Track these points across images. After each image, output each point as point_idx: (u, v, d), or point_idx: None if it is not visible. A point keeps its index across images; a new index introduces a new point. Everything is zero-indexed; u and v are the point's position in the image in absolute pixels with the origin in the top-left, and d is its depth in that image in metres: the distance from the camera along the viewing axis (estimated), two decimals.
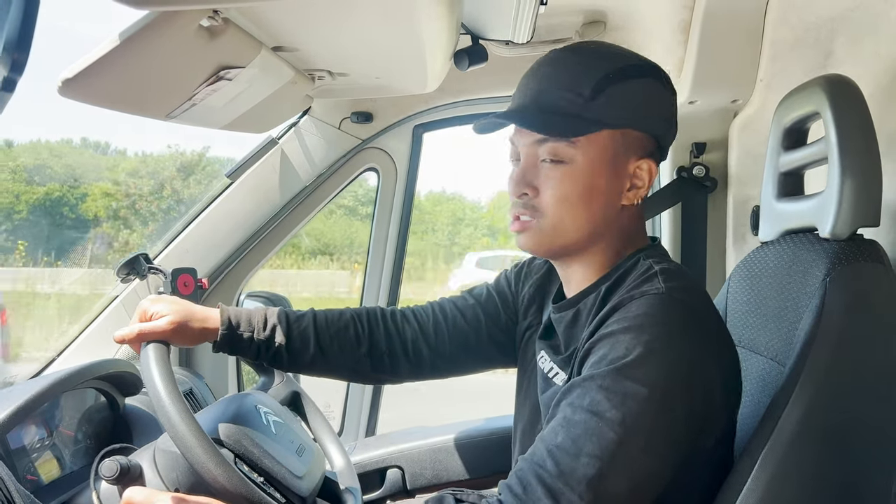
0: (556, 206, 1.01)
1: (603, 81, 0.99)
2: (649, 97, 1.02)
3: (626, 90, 1.00)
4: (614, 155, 1.01)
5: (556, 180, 1.00)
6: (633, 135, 1.01)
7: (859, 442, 0.93)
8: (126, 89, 1.03)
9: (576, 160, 0.99)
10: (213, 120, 1.38)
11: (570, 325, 1.07)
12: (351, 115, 1.96)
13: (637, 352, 0.86)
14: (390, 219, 2.08)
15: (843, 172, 1.00)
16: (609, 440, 0.84)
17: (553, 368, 1.10)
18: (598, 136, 0.99)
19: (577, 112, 0.99)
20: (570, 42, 1.72)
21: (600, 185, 1.01)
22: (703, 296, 0.97)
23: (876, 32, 1.22)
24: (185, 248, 1.88)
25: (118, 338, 1.11)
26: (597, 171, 1.00)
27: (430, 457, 1.75)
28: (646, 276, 0.96)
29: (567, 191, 1.00)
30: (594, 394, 0.87)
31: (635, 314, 0.89)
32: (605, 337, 0.90)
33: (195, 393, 1.74)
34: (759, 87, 1.66)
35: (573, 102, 0.99)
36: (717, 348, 0.93)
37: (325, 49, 1.31)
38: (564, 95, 1.00)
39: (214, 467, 0.92)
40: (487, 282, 1.35)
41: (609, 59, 1.01)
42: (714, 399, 0.91)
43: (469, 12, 1.35)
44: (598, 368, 0.89)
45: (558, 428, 0.88)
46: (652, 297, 0.91)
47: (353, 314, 1.30)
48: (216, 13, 0.99)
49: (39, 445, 1.25)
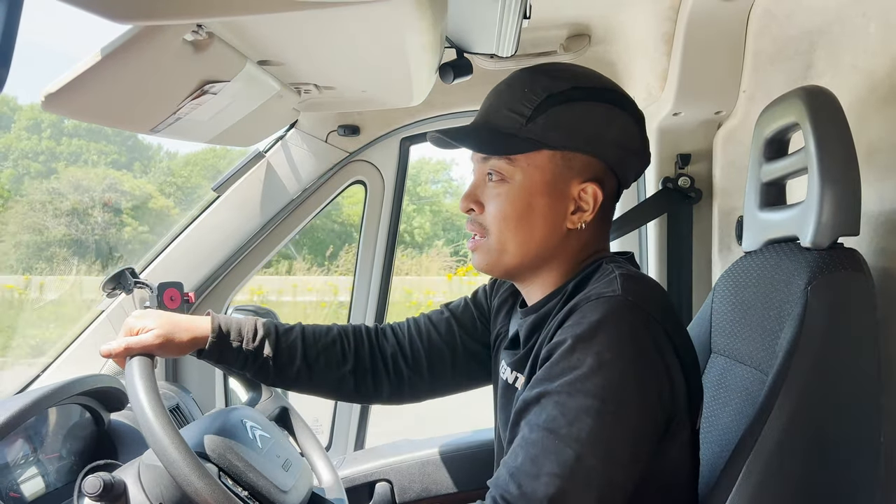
0: (497, 223, 1.03)
1: (546, 102, 1.00)
2: (597, 121, 1.01)
3: (569, 112, 1.00)
4: (553, 176, 1.01)
5: (497, 197, 1.03)
6: (577, 157, 1.01)
7: (843, 449, 0.94)
8: (110, 104, 1.03)
9: (515, 178, 1.01)
10: (198, 134, 1.38)
11: (533, 327, 1.06)
12: (338, 128, 1.96)
13: (588, 364, 0.86)
14: (378, 232, 2.09)
15: (823, 182, 1.01)
16: (567, 457, 0.84)
17: (513, 375, 1.09)
18: (536, 155, 1.00)
19: (514, 131, 1.01)
20: (554, 55, 1.74)
21: (540, 206, 1.01)
22: (660, 300, 0.96)
23: (854, 45, 1.24)
24: (172, 262, 1.88)
25: (104, 352, 1.10)
26: (535, 191, 1.01)
27: (419, 470, 1.75)
28: (606, 279, 0.96)
29: (507, 208, 1.02)
30: (550, 410, 0.87)
31: (589, 320, 0.89)
32: (560, 345, 0.90)
33: (182, 408, 1.73)
34: (743, 99, 1.68)
35: (514, 121, 1.01)
36: (674, 351, 0.91)
37: (310, 63, 1.32)
38: (507, 115, 1.01)
39: (197, 480, 0.92)
40: (466, 295, 1.35)
41: (558, 80, 1.01)
42: (673, 403, 0.90)
43: (453, 26, 1.36)
44: (551, 382, 0.88)
45: (518, 449, 0.88)
46: (606, 300, 0.90)
47: (340, 330, 1.30)
48: (200, 27, 0.99)
49: (23, 462, 1.24)
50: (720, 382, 1.20)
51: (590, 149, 1.01)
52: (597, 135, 1.01)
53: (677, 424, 0.92)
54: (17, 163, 12.32)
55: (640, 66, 1.76)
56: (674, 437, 0.92)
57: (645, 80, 1.78)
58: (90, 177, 12.40)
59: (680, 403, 0.91)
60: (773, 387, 0.95)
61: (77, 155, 12.89)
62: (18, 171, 12.48)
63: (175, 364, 1.93)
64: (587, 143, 1.01)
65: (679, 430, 0.93)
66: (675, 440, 0.93)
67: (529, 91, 1.01)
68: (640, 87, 1.81)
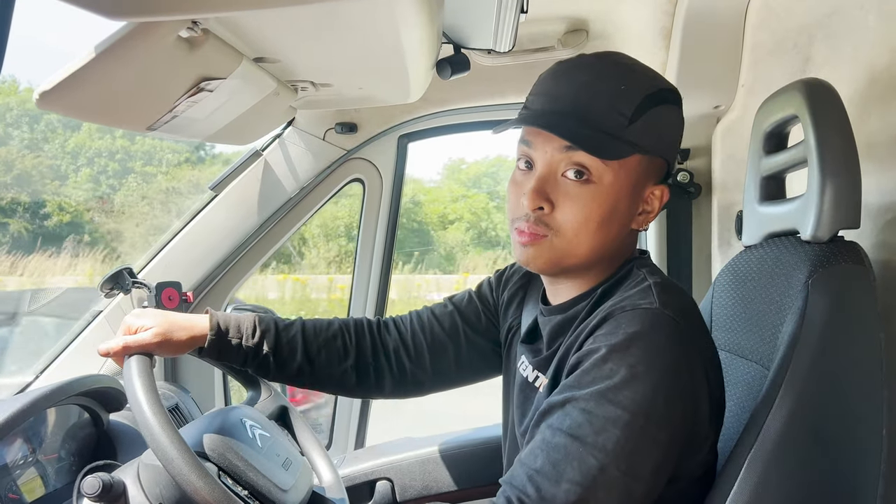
0: (576, 226, 0.95)
1: (644, 103, 0.94)
2: (675, 123, 1.00)
3: (660, 115, 0.96)
4: (638, 180, 0.97)
5: (581, 199, 0.95)
6: (657, 161, 0.98)
7: (845, 443, 0.93)
8: (105, 101, 1.02)
9: (603, 180, 0.94)
10: (195, 132, 1.37)
11: (559, 328, 1.04)
12: (335, 126, 1.96)
13: (620, 375, 0.84)
14: (376, 229, 2.08)
15: (823, 175, 1.00)
16: (590, 466, 0.83)
17: (534, 374, 1.08)
18: (630, 159, 0.95)
19: (616, 132, 0.94)
20: (552, 51, 1.73)
21: (621, 209, 0.97)
22: (693, 313, 0.95)
23: (853, 38, 1.23)
24: (170, 262, 1.87)
25: (102, 351, 1.10)
26: (621, 195, 0.96)
27: (420, 468, 1.74)
28: (640, 288, 0.94)
29: (591, 212, 0.94)
30: (576, 416, 0.85)
31: (624, 331, 0.87)
32: (592, 353, 0.88)
33: (181, 408, 1.72)
34: (741, 93, 1.68)
35: (617, 121, 0.94)
36: (704, 368, 0.90)
37: (307, 59, 1.31)
38: (608, 113, 0.94)
39: (196, 479, 0.91)
40: (471, 288, 1.34)
41: (647, 80, 0.97)
42: (699, 418, 0.90)
43: (450, 22, 1.35)
44: (580, 389, 0.87)
45: (538, 451, 0.87)
46: (643, 311, 0.89)
47: (340, 324, 1.28)
48: (195, 24, 0.99)
49: (22, 463, 1.24)
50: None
51: (667, 152, 1.00)
52: (674, 139, 1.00)
53: (701, 440, 0.92)
54: (92, 161, 12.04)
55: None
56: (695, 453, 0.92)
57: None
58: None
59: (704, 420, 0.91)
60: (774, 381, 0.95)
61: (150, 154, 12.68)
62: (94, 170, 12.20)
63: (174, 364, 1.93)
64: (669, 148, 1.00)
65: (702, 446, 0.92)
66: (695, 456, 0.92)
67: (627, 89, 0.94)
68: None
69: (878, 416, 0.94)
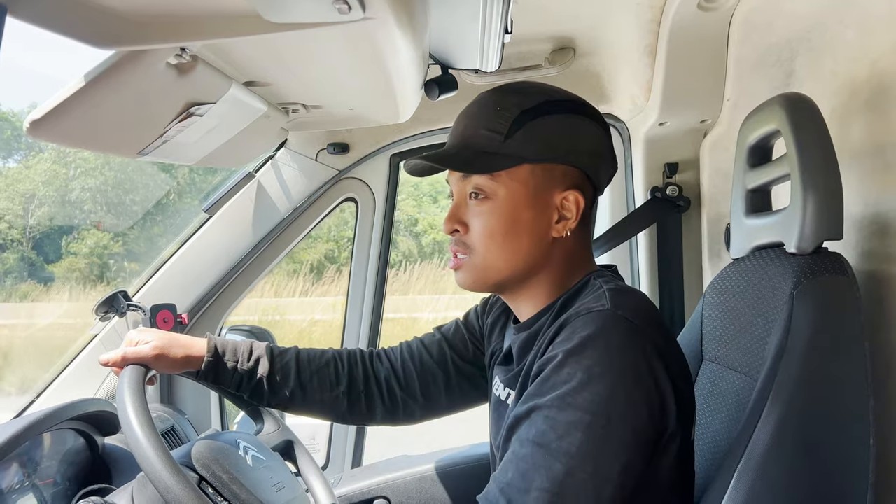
0: (483, 241, 1.04)
1: (521, 117, 1.01)
2: (570, 132, 1.04)
3: (544, 125, 1.02)
4: (536, 188, 1.02)
5: (482, 215, 1.04)
6: (556, 168, 1.03)
7: (833, 453, 0.94)
8: (95, 129, 1.03)
9: (498, 194, 1.02)
10: (186, 156, 1.38)
11: (525, 344, 1.06)
12: (327, 147, 1.97)
13: (577, 378, 0.86)
14: (370, 249, 2.09)
15: (805, 188, 1.02)
16: (556, 471, 0.84)
17: (505, 391, 1.10)
18: (518, 170, 1.02)
19: (494, 149, 1.02)
20: (539, 69, 1.75)
21: (525, 218, 1.02)
22: (648, 312, 0.97)
23: (833, 52, 1.25)
24: (164, 284, 1.88)
25: (103, 360, 1.15)
26: (520, 204, 1.02)
27: (416, 486, 1.74)
28: (595, 295, 0.97)
29: (493, 225, 1.03)
30: (539, 424, 0.87)
31: (579, 335, 0.89)
32: (550, 360, 0.90)
33: (177, 430, 1.72)
34: (727, 107, 1.70)
35: (492, 139, 1.02)
36: (664, 364, 0.91)
37: (296, 83, 1.33)
38: (484, 134, 1.03)
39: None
40: (459, 318, 1.36)
41: (527, 96, 1.04)
42: (665, 414, 0.90)
43: (436, 43, 1.37)
44: (541, 397, 0.88)
45: (508, 465, 0.89)
46: (595, 314, 0.91)
47: (334, 353, 1.31)
48: (183, 51, 1.00)
49: (18, 488, 1.24)
50: (711, 389, 1.20)
51: (568, 158, 1.03)
52: (572, 144, 1.03)
53: (669, 437, 0.92)
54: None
55: (624, 77, 1.77)
56: (665, 450, 0.92)
57: (630, 91, 1.79)
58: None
59: (670, 416, 0.91)
60: (761, 392, 0.95)
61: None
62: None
63: (170, 386, 1.93)
64: (566, 154, 1.03)
65: (671, 443, 0.92)
66: (666, 453, 0.92)
67: (502, 109, 1.03)
68: (626, 97, 1.83)
69: (866, 425, 0.94)
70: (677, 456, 0.94)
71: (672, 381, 0.91)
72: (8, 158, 12.90)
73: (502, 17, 1.18)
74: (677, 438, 0.93)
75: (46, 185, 12.22)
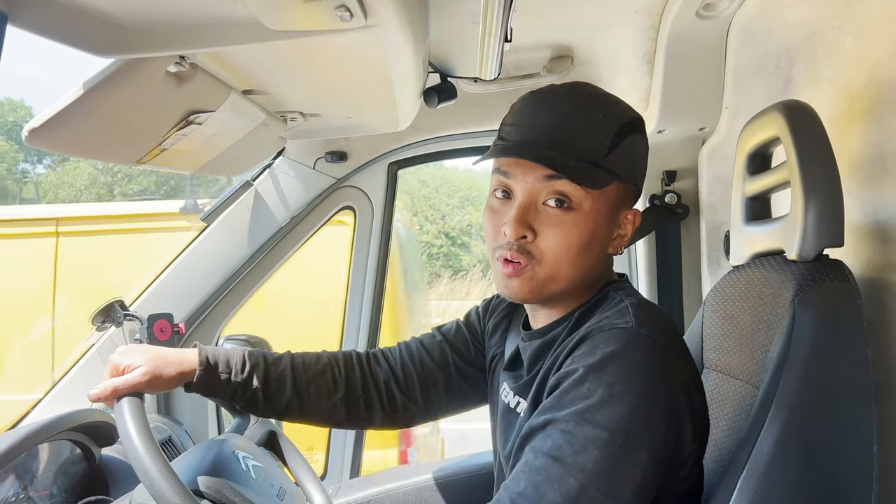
0: (559, 253, 0.96)
1: (620, 133, 0.97)
2: (644, 151, 1.04)
3: (633, 143, 0.99)
4: (614, 206, 0.99)
5: (562, 225, 0.96)
6: (630, 187, 1.01)
7: (836, 460, 0.93)
8: (94, 137, 1.03)
9: (584, 207, 0.96)
10: (185, 164, 1.38)
11: (538, 352, 1.05)
12: (325, 155, 1.97)
13: (598, 395, 0.85)
14: (368, 256, 2.09)
15: (806, 195, 1.02)
16: (570, 486, 0.83)
17: (515, 399, 1.09)
18: (609, 187, 0.97)
19: (600, 162, 0.96)
20: (537, 77, 1.75)
21: (599, 235, 0.99)
22: (671, 332, 0.95)
23: (832, 59, 1.25)
24: (161, 293, 1.87)
25: (93, 396, 1.06)
26: (600, 221, 0.98)
27: (415, 496, 1.73)
28: (617, 309, 0.95)
29: (572, 238, 0.96)
30: (556, 438, 0.86)
31: (601, 350, 0.88)
32: (570, 374, 0.89)
33: (174, 440, 1.71)
34: (725, 115, 1.70)
35: (596, 150, 0.96)
36: (683, 385, 0.90)
37: (295, 91, 1.32)
38: (589, 142, 0.96)
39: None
40: (459, 319, 1.35)
41: (621, 110, 1.00)
42: (682, 436, 0.89)
43: (435, 51, 1.37)
44: (559, 410, 0.87)
45: (520, 474, 0.87)
46: (619, 331, 0.90)
47: (329, 358, 1.28)
48: (183, 59, 1.00)
49: (14, 500, 1.23)
50: (713, 397, 1.20)
51: (640, 178, 1.03)
52: (643, 165, 1.03)
53: (684, 458, 0.91)
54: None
55: (622, 85, 1.78)
56: (679, 470, 0.92)
57: (628, 99, 1.77)
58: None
59: (687, 439, 0.90)
60: (764, 400, 0.95)
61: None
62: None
63: (166, 396, 1.92)
64: (640, 174, 1.03)
65: (685, 465, 0.92)
66: (679, 474, 0.92)
67: (604, 119, 0.97)
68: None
69: (869, 432, 0.94)
70: (688, 476, 0.93)
71: (690, 402, 0.91)
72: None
73: (502, 24, 1.18)
74: (691, 459, 0.92)
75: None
